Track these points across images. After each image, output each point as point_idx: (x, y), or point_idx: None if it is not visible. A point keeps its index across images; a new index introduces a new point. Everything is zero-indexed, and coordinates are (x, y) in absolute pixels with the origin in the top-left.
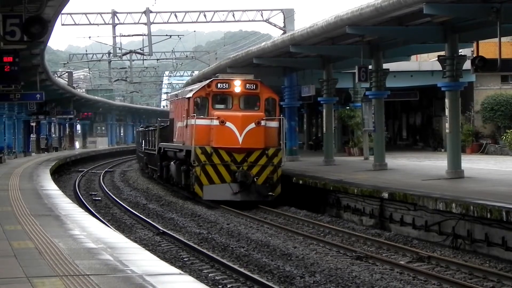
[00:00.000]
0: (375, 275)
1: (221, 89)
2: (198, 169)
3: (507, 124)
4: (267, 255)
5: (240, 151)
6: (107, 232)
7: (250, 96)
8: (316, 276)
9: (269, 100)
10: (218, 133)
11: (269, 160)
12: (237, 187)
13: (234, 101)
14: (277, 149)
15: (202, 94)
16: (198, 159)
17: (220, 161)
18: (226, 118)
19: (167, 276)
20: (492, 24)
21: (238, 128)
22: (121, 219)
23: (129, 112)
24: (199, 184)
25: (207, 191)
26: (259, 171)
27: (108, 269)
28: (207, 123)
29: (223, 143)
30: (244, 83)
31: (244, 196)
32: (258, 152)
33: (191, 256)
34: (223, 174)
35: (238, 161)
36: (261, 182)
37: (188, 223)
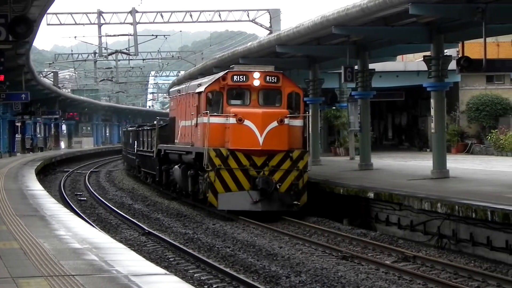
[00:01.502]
0: (360, 275)
1: (238, 82)
2: (212, 174)
3: (492, 124)
4: (253, 255)
5: (260, 153)
6: (93, 233)
7: (271, 90)
8: (301, 276)
9: (292, 94)
10: (235, 133)
11: (293, 164)
12: (257, 195)
13: (252, 96)
14: (303, 152)
15: (215, 88)
16: (212, 163)
17: (237, 165)
18: (244, 116)
19: (153, 276)
20: (477, 24)
21: (258, 127)
22: (106, 219)
23: (114, 112)
24: (213, 191)
25: (223, 200)
26: (282, 177)
27: (93, 270)
28: (222, 121)
29: (240, 144)
30: (264, 75)
31: (266, 205)
32: (281, 154)
33: (177, 256)
34: (241, 180)
35: (258, 165)
36: (285, 190)
37: (174, 223)
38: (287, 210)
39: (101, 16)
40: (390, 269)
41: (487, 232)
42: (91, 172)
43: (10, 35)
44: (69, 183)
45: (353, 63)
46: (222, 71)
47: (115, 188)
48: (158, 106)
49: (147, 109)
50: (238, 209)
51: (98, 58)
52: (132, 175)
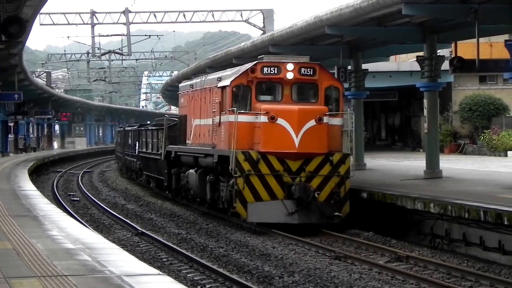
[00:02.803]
0: (353, 275)
1: (268, 75)
2: (240, 181)
3: (485, 124)
4: (246, 255)
5: (296, 157)
6: (86, 233)
7: (306, 84)
8: (295, 276)
9: (330, 89)
10: (266, 133)
11: (333, 169)
12: (293, 205)
13: (284, 90)
14: (344, 155)
15: (242, 82)
16: (240, 168)
17: (269, 170)
18: (278, 113)
19: (146, 276)
20: (470, 24)
21: (294, 127)
22: (99, 220)
23: (108, 112)
24: (241, 201)
25: (253, 211)
26: (321, 184)
27: (86, 270)
28: (251, 120)
29: (273, 146)
30: (298, 67)
31: (303, 217)
32: (319, 158)
33: (170, 257)
34: (274, 188)
35: (293, 170)
36: (324, 199)
37: (167, 223)
38: (327, 222)
39: (94, 16)
40: (383, 269)
41: (480, 232)
42: (84, 172)
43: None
44: (62, 183)
45: (346, 63)
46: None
47: (108, 188)
48: (151, 106)
49: (140, 109)
50: (270, 222)
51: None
52: (126, 176)
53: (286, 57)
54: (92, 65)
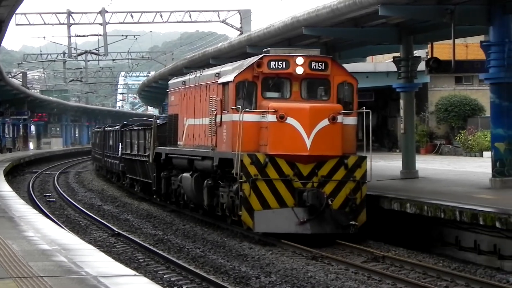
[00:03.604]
0: (330, 275)
1: (276, 70)
2: (246, 186)
3: (461, 125)
4: (223, 256)
5: (307, 160)
6: (61, 234)
7: (317, 79)
8: (271, 277)
9: (343, 85)
10: (275, 134)
11: (349, 173)
12: (305, 213)
13: (293, 87)
14: (360, 158)
15: (247, 78)
16: (246, 172)
17: (278, 174)
18: (287, 112)
19: (122, 277)
20: (446, 25)
21: (305, 126)
22: (75, 221)
23: (84, 112)
24: (247, 209)
25: (260, 220)
26: (334, 190)
27: (62, 271)
28: (256, 119)
29: (282, 148)
30: (308, 61)
31: (316, 227)
32: (333, 161)
33: (147, 258)
34: (283, 195)
35: (304, 174)
36: (338, 206)
37: (144, 224)
38: (343, 232)
39: (71, 16)
40: (359, 269)
41: (455, 232)
42: (60, 173)
43: None
44: (38, 184)
45: None
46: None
47: (85, 189)
48: (128, 106)
49: (116, 110)
50: (279, 232)
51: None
52: (103, 177)
53: (295, 50)
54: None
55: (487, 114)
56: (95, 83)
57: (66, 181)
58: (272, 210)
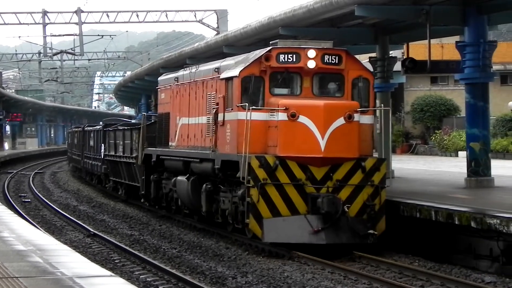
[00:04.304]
0: (306, 274)
1: (285, 64)
2: (254, 192)
3: (436, 125)
4: (199, 256)
5: (321, 162)
6: (37, 234)
7: (330, 74)
8: (248, 277)
9: (359, 81)
10: (285, 134)
11: (366, 177)
12: (319, 221)
13: (304, 82)
14: (379, 160)
15: (254, 72)
16: (254, 176)
17: (289, 178)
18: (299, 110)
19: (98, 278)
20: (422, 26)
21: (319, 126)
22: (51, 221)
23: (59, 112)
24: (256, 216)
25: (270, 228)
26: (351, 195)
27: (37, 272)
28: (264, 117)
29: (294, 150)
30: (321, 54)
31: (332, 236)
32: (349, 164)
33: (123, 258)
34: (295, 201)
35: (317, 179)
36: (355, 213)
37: (120, 224)
38: (360, 242)
39: (46, 15)
40: (335, 269)
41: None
42: (35, 173)
43: None
44: (13, 185)
45: None
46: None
47: (60, 189)
48: (104, 106)
49: (92, 110)
50: (291, 242)
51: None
52: (78, 177)
53: (305, 42)
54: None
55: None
56: (70, 83)
57: (41, 181)
58: (282, 217)
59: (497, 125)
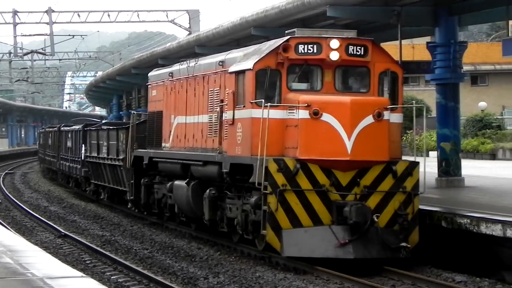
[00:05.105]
0: (278, 274)
1: (305, 55)
2: (272, 199)
3: (407, 125)
4: (171, 257)
5: (347, 166)
6: (7, 235)
7: (354, 68)
8: (220, 277)
9: (386, 74)
10: (307, 134)
11: (397, 182)
12: (345, 233)
13: (326, 76)
14: (412, 164)
15: (269, 65)
16: (272, 182)
17: (311, 185)
18: (323, 107)
19: (69, 279)
20: (393, 27)
21: (345, 125)
22: (21, 222)
23: (30, 113)
24: (274, 227)
25: (291, 241)
26: (380, 204)
27: (7, 272)
28: (282, 115)
29: (317, 152)
30: (345, 44)
31: (360, 250)
32: (378, 168)
33: (94, 259)
34: (318, 209)
35: (343, 185)
36: (385, 224)
37: (91, 225)
38: (392, 256)
39: (16, 15)
40: (308, 269)
41: None
42: (5, 174)
43: None
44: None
45: None
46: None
47: (31, 190)
48: (75, 107)
49: (64, 110)
50: (315, 256)
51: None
52: (48, 178)
53: (326, 31)
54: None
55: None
56: (41, 83)
57: (12, 182)
58: (304, 229)
59: (468, 125)
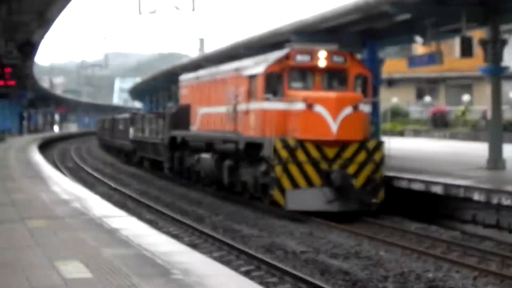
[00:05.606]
0: (258, 215)
1: (301, 62)
2: (278, 168)
3: None
4: (186, 203)
5: (333, 144)
6: (76, 188)
7: (336, 71)
8: (219, 216)
9: (360, 77)
10: (304, 121)
11: (369, 156)
12: (332, 193)
13: (316, 78)
14: (379, 142)
15: (275, 70)
16: (278, 156)
17: (307, 157)
18: (315, 100)
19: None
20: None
21: (332, 113)
22: (86, 180)
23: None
24: (280, 189)
25: (292, 199)
26: (356, 171)
27: (77, 213)
28: (284, 107)
29: (310, 133)
30: (330, 54)
31: (343, 205)
32: (355, 145)
33: (134, 204)
34: (311, 176)
35: (329, 157)
36: (360, 185)
37: (132, 181)
38: (366, 209)
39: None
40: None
41: None
42: (75, 148)
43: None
44: (60, 155)
45: None
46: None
47: (92, 158)
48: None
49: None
50: (310, 210)
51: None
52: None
53: (314, 45)
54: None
55: None
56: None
57: (79, 153)
58: (302, 189)
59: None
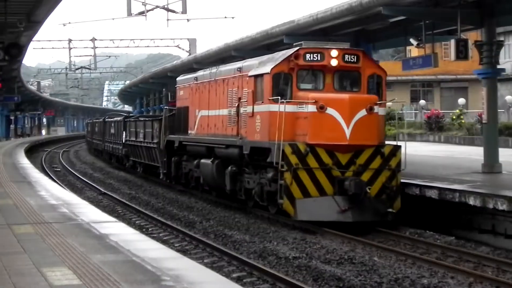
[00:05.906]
0: (250, 220)
1: (311, 62)
2: (288, 175)
3: None
4: (177, 208)
5: (346, 149)
6: (64, 193)
7: (349, 72)
8: (210, 222)
9: (373, 77)
10: (315, 124)
11: (384, 162)
12: (345, 202)
13: (326, 79)
14: (395, 147)
15: (283, 69)
16: (287, 162)
17: (318, 164)
18: (327, 102)
19: (107, 223)
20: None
21: (345, 116)
22: (74, 184)
23: (80, 109)
24: (289, 197)
25: (302, 208)
26: (371, 178)
27: (65, 219)
28: (293, 109)
29: (322, 138)
30: (342, 53)
31: (357, 214)
32: (369, 150)
33: (124, 209)
34: (323, 183)
35: (342, 163)
36: (375, 194)
37: (122, 186)
38: (381, 219)
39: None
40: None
41: None
42: (63, 151)
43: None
44: (48, 159)
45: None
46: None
47: (80, 162)
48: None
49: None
50: (321, 220)
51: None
52: (93, 154)
53: (326, 43)
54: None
55: None
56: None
57: (67, 156)
58: (313, 198)
59: None
